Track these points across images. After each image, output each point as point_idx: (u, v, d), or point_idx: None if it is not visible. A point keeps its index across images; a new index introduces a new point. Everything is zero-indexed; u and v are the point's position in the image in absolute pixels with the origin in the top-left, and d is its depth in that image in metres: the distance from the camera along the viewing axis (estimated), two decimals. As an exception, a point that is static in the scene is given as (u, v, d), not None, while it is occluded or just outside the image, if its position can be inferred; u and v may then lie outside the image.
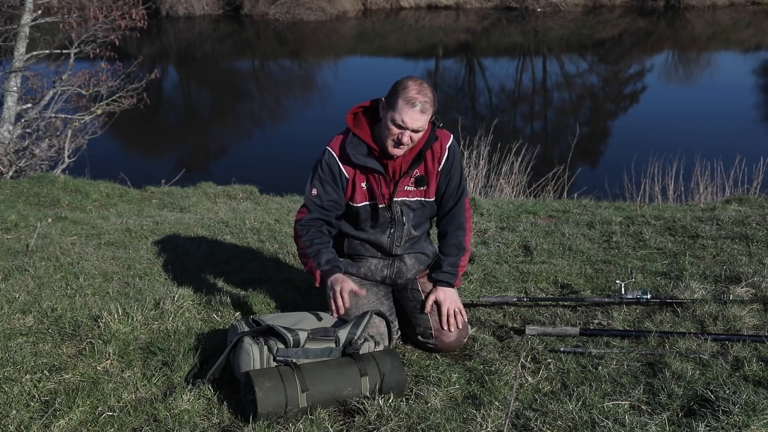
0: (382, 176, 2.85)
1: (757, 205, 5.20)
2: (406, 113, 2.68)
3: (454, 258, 2.99)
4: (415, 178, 2.91)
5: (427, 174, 2.92)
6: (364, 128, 2.83)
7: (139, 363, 2.68)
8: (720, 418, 2.24)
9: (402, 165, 2.86)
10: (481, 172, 8.08)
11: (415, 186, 2.92)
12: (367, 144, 2.82)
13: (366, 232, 2.97)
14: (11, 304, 3.18)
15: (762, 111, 15.49)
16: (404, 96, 2.68)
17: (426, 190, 2.94)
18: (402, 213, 2.93)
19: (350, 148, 2.81)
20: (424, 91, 2.70)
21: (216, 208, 6.10)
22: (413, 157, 2.86)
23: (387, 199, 2.90)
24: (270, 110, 17.75)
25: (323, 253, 2.83)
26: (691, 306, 3.21)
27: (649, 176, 7.70)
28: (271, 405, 2.30)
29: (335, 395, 2.40)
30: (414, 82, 2.71)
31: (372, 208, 2.91)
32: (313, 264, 2.83)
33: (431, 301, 2.92)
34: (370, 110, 2.87)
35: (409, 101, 2.68)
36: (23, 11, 9.59)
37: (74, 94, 9.99)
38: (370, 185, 2.87)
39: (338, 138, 2.89)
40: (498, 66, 22.16)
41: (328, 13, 29.45)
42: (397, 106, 2.69)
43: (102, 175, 7.66)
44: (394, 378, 2.48)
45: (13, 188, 6.49)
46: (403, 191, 2.90)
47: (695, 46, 24.69)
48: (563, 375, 2.66)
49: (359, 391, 2.43)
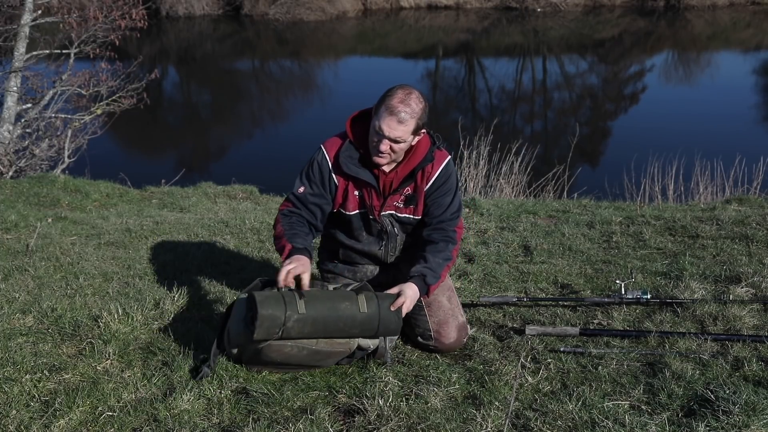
0: (373, 188, 2.82)
1: (757, 205, 5.20)
2: (384, 121, 2.63)
3: (440, 261, 2.81)
4: (405, 196, 2.86)
5: (416, 193, 2.86)
6: (360, 135, 2.80)
7: (139, 363, 2.68)
8: (720, 418, 2.24)
9: (393, 181, 2.82)
10: (481, 172, 8.08)
11: (404, 204, 2.88)
12: (360, 153, 2.78)
13: (360, 242, 2.95)
14: (11, 304, 3.17)
15: (762, 111, 15.49)
16: (387, 103, 2.63)
17: (414, 208, 2.89)
18: (393, 225, 2.91)
19: (344, 157, 2.77)
20: (408, 101, 2.62)
21: (216, 208, 6.10)
22: (405, 175, 2.81)
23: (377, 211, 2.86)
24: (270, 110, 17.74)
25: (299, 238, 2.73)
26: (691, 306, 3.21)
27: (649, 176, 7.70)
28: (271, 307, 2.41)
29: (333, 308, 2.50)
30: (402, 91, 2.65)
31: (363, 216, 2.89)
32: (286, 243, 2.70)
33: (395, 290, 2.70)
34: (367, 116, 2.83)
35: (390, 109, 2.62)
36: (23, 11, 9.59)
37: (74, 94, 9.99)
38: (362, 194, 2.85)
39: (335, 141, 2.84)
40: (498, 66, 22.16)
41: (328, 13, 29.44)
42: (379, 113, 2.65)
43: (102, 175, 7.66)
44: (390, 317, 2.57)
45: (13, 188, 6.49)
46: (391, 206, 2.87)
47: (695, 46, 24.68)
48: (563, 375, 2.66)
49: (357, 307, 2.51)
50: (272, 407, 2.40)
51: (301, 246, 2.69)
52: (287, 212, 2.85)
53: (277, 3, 29.56)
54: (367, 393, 2.47)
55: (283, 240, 2.73)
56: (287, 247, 2.69)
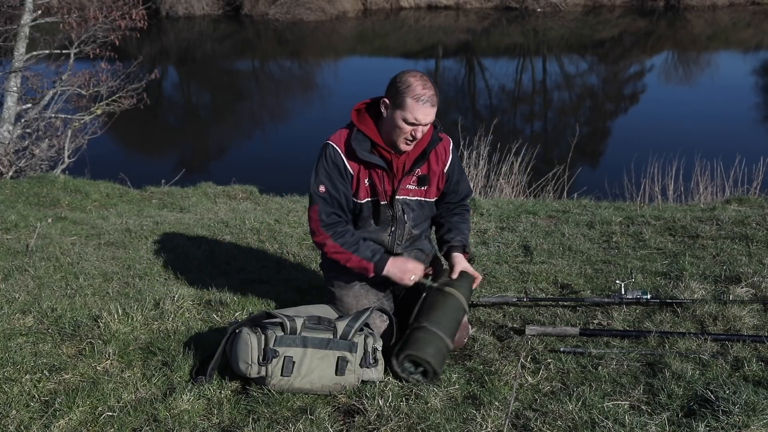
0: (385, 173, 2.85)
1: (757, 205, 5.20)
2: (418, 110, 2.70)
3: (466, 233, 3.07)
4: (417, 177, 2.92)
5: (430, 174, 2.94)
6: (369, 124, 2.83)
7: (139, 363, 2.68)
8: (720, 418, 2.24)
9: (405, 163, 2.87)
10: (481, 172, 8.08)
11: (417, 185, 2.93)
12: (372, 140, 2.81)
13: (368, 230, 2.96)
14: (11, 304, 3.18)
15: (762, 111, 15.48)
16: (411, 94, 2.70)
17: (427, 190, 2.96)
18: (403, 211, 2.94)
19: (355, 144, 2.80)
20: (428, 84, 2.73)
21: (216, 208, 6.10)
22: (416, 156, 2.87)
23: (389, 196, 2.90)
24: (270, 110, 17.73)
25: (363, 246, 2.86)
26: (691, 306, 3.21)
27: (649, 176, 7.69)
28: (441, 361, 2.64)
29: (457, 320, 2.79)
30: (415, 79, 2.72)
31: (374, 204, 2.91)
32: (357, 259, 2.83)
33: (458, 270, 2.95)
34: (372, 106, 2.87)
35: (418, 98, 2.69)
36: (23, 11, 9.59)
37: (74, 94, 9.99)
38: (373, 182, 2.87)
39: (341, 133, 2.87)
40: (498, 66, 22.15)
41: (328, 13, 29.42)
42: (405, 105, 2.70)
43: (102, 175, 7.66)
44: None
45: (13, 188, 6.49)
46: (404, 189, 2.91)
47: (695, 46, 24.67)
48: (563, 375, 2.66)
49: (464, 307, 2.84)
50: (272, 407, 2.40)
51: (374, 252, 2.85)
52: (326, 220, 2.84)
53: (277, 3, 29.55)
54: (367, 393, 2.47)
55: (351, 256, 2.84)
56: (369, 267, 2.84)
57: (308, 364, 2.48)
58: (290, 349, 2.49)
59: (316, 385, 2.48)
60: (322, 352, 2.51)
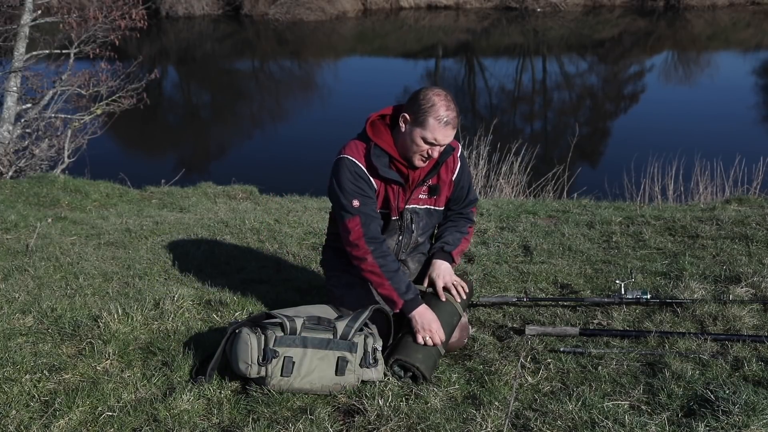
0: (401, 188, 2.85)
1: (757, 205, 5.20)
2: (438, 132, 2.69)
3: (458, 237, 3.04)
4: (428, 187, 2.93)
5: (440, 183, 2.94)
6: (386, 138, 2.80)
7: (139, 363, 2.68)
8: (720, 418, 2.24)
9: (420, 174, 2.88)
10: (481, 172, 8.09)
11: (428, 195, 2.94)
12: (390, 154, 2.80)
13: None
14: (11, 304, 3.18)
15: (762, 111, 15.49)
16: (434, 114, 2.68)
17: (437, 198, 2.97)
18: (412, 221, 2.95)
19: (375, 159, 2.77)
20: (451, 106, 2.71)
21: (216, 208, 6.10)
22: (430, 167, 2.87)
23: (400, 211, 2.91)
24: (270, 110, 17.74)
25: (401, 278, 2.77)
26: (691, 306, 3.21)
27: (648, 176, 7.70)
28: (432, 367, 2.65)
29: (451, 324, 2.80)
30: (440, 98, 2.70)
31: (384, 217, 2.91)
32: (390, 288, 2.76)
33: (427, 279, 2.93)
34: (384, 117, 2.85)
35: (441, 120, 2.68)
36: (23, 11, 9.59)
37: (74, 94, 10.00)
38: (387, 196, 2.87)
39: (357, 146, 2.81)
40: (498, 66, 22.16)
41: (328, 13, 29.43)
42: (427, 125, 2.69)
43: (102, 175, 7.67)
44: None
45: (13, 188, 6.49)
46: (415, 199, 2.92)
47: (695, 46, 24.68)
48: (563, 375, 2.66)
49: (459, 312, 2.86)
50: (272, 407, 2.40)
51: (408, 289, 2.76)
52: (371, 235, 2.78)
53: (277, 3, 29.55)
54: (367, 393, 2.47)
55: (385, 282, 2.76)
56: (398, 303, 2.75)
57: (308, 365, 2.48)
58: (290, 349, 2.49)
59: (316, 385, 2.48)
60: (322, 353, 2.51)
